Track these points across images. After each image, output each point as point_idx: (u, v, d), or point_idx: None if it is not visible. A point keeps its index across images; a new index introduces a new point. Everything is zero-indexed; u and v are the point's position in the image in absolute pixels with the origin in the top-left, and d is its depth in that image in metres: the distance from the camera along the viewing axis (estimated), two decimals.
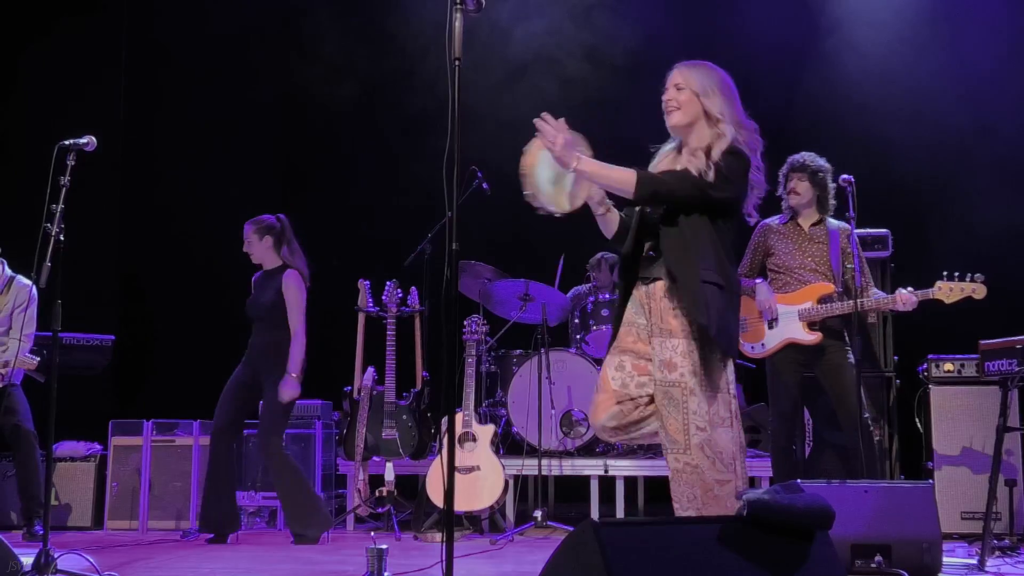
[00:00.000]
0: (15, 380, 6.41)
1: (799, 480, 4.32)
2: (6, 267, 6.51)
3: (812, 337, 5.51)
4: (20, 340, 6.27)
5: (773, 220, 5.79)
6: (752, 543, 2.92)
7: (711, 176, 3.69)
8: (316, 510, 6.09)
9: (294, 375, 6.04)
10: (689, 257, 3.71)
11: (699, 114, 3.82)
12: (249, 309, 6.29)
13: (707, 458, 3.63)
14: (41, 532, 6.00)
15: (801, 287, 5.60)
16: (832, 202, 5.67)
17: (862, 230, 5.97)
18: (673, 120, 3.85)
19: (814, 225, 5.69)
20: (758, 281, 5.70)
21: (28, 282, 6.46)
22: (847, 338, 5.54)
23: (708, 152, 3.74)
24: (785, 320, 5.59)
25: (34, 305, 6.44)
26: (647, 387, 3.79)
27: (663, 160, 3.93)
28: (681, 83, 3.85)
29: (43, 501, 4.71)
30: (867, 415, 5.46)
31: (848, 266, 5.42)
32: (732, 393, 3.71)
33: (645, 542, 2.83)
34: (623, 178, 3.66)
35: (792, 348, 5.57)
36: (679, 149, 3.89)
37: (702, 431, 3.63)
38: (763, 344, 5.66)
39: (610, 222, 3.96)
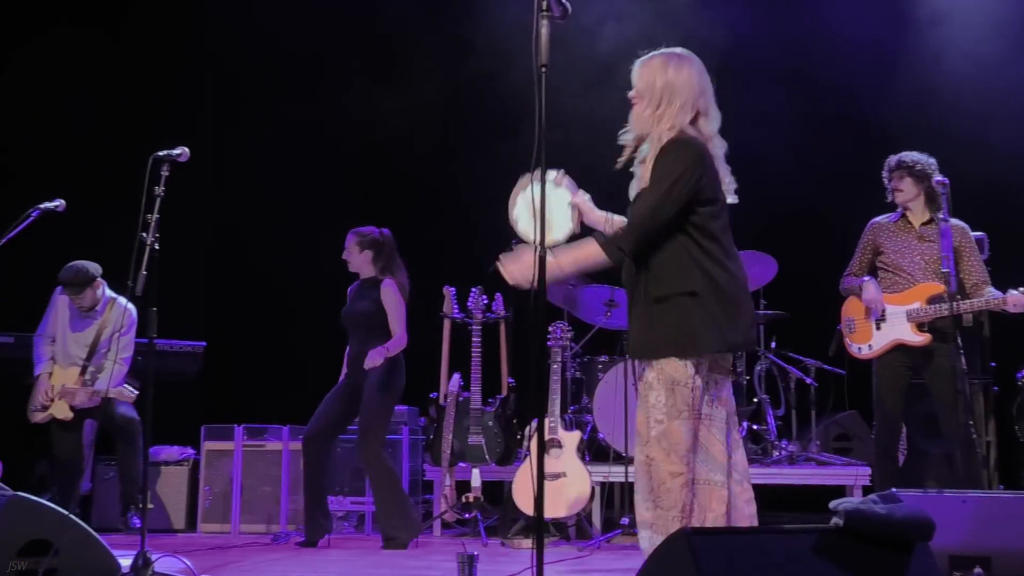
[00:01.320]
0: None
1: (895, 489, 4.23)
2: (107, 289, 6.61)
3: (920, 339, 5.37)
4: (116, 363, 6.40)
5: (884, 218, 5.70)
6: (849, 554, 2.86)
7: (654, 198, 3.57)
8: (408, 515, 6.13)
9: (385, 349, 6.05)
10: (639, 281, 3.67)
11: (648, 125, 3.71)
12: (344, 319, 6.36)
13: (663, 451, 3.57)
14: (137, 525, 6.20)
15: (910, 287, 5.48)
16: (942, 196, 5.47)
17: None
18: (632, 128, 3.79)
19: (925, 224, 5.53)
20: (866, 279, 5.59)
21: (129, 305, 6.51)
22: (959, 342, 5.37)
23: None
24: (893, 321, 5.46)
25: (133, 329, 6.52)
26: None
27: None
28: (636, 86, 3.77)
29: (142, 489, 4.87)
30: (971, 424, 5.33)
31: (944, 271, 5.25)
32: (690, 387, 3.56)
33: (739, 552, 2.79)
34: (593, 255, 3.63)
35: (900, 350, 5.45)
36: None
37: (659, 423, 3.57)
38: (870, 345, 5.55)
39: None
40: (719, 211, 3.65)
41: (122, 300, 6.56)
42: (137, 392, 6.31)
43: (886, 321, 5.49)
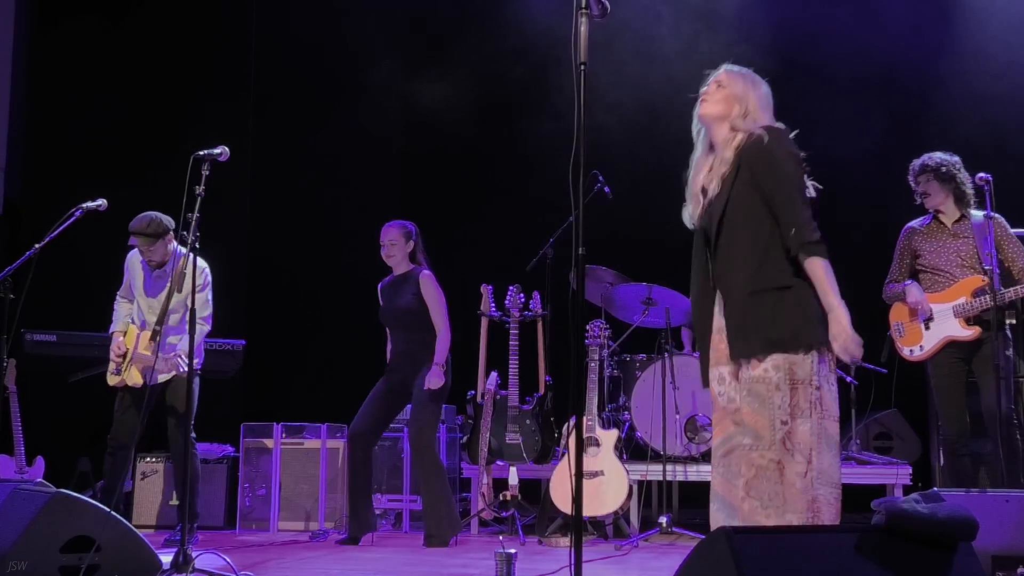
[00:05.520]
0: (197, 366, 6.09)
1: (936, 488, 4.20)
2: (178, 246, 6.10)
3: (970, 332, 5.36)
4: (197, 323, 5.92)
5: (916, 222, 5.71)
6: (891, 553, 2.84)
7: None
8: (451, 513, 6.15)
9: (439, 365, 6.11)
10: (737, 269, 3.67)
11: (727, 114, 3.77)
12: (385, 318, 6.36)
13: (787, 452, 3.55)
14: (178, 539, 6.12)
15: (952, 283, 5.47)
16: (970, 193, 5.51)
17: None
18: (703, 110, 3.79)
19: (957, 222, 5.56)
20: (908, 283, 5.59)
21: (202, 263, 6.03)
22: (1008, 334, 5.40)
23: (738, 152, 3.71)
24: (941, 318, 5.46)
25: (209, 288, 6.13)
26: None
27: (702, 169, 3.85)
28: (724, 82, 3.81)
29: (182, 502, 4.84)
30: (1015, 420, 5.28)
31: (987, 268, 5.21)
32: (815, 384, 3.58)
33: (780, 551, 2.78)
34: (826, 274, 3.61)
35: (952, 347, 5.44)
36: (709, 148, 3.83)
37: (784, 425, 3.56)
38: (921, 346, 5.54)
39: None
40: None
41: (196, 259, 6.19)
42: (200, 360, 6.10)
43: (934, 320, 5.48)
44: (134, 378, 6.10)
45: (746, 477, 3.59)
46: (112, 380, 6.18)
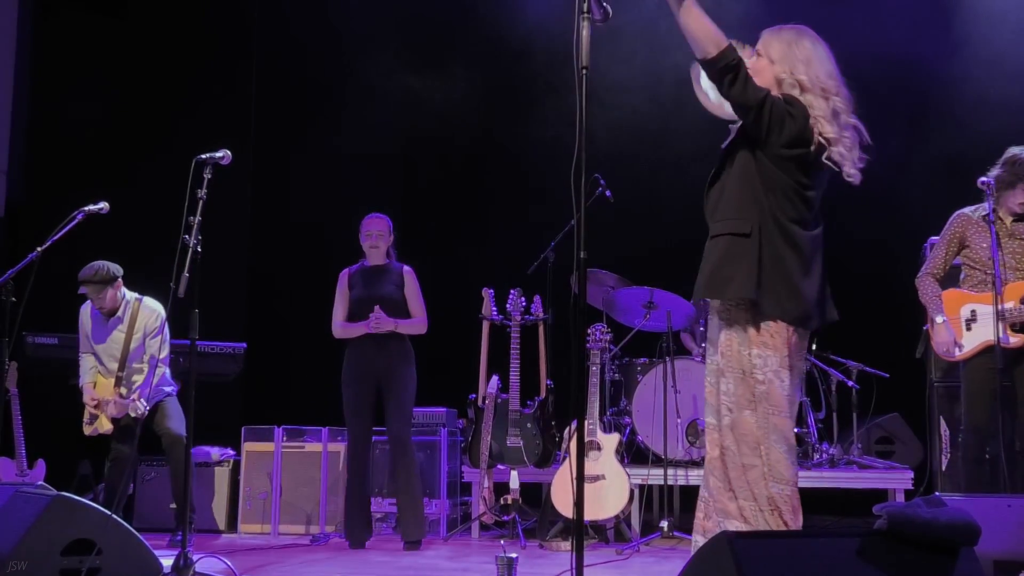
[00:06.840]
0: (172, 392, 6.44)
1: (938, 493, 4.19)
2: (127, 291, 6.40)
3: (1016, 340, 5.11)
4: (156, 366, 6.20)
5: (972, 211, 5.38)
6: (893, 557, 2.84)
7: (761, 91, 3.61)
8: (423, 514, 6.25)
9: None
10: (715, 217, 3.70)
11: (771, 83, 3.71)
12: (361, 304, 6.32)
13: (734, 440, 3.60)
14: (180, 539, 6.13)
15: (1001, 286, 5.14)
16: None
17: None
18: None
19: (1016, 220, 5.26)
20: (940, 319, 5.28)
21: (156, 305, 6.36)
22: None
23: None
24: (985, 321, 5.19)
25: (165, 330, 6.32)
26: None
27: None
28: (760, 49, 3.79)
29: (185, 505, 4.84)
30: None
31: (989, 273, 5.12)
32: (759, 379, 3.59)
33: (781, 556, 2.78)
34: (710, 34, 3.53)
35: (991, 352, 5.13)
36: None
37: (730, 412, 3.61)
38: (961, 347, 5.29)
39: None
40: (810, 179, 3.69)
41: (149, 301, 6.40)
42: (146, 410, 6.14)
43: (977, 322, 5.23)
44: (104, 425, 6.32)
45: (711, 456, 3.69)
46: (87, 430, 6.39)
